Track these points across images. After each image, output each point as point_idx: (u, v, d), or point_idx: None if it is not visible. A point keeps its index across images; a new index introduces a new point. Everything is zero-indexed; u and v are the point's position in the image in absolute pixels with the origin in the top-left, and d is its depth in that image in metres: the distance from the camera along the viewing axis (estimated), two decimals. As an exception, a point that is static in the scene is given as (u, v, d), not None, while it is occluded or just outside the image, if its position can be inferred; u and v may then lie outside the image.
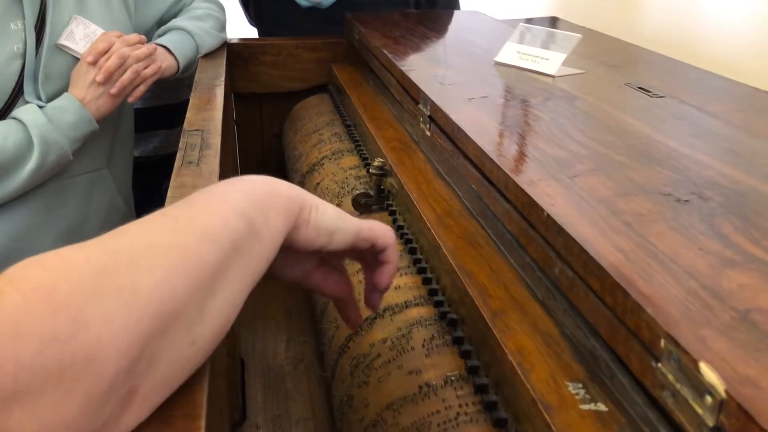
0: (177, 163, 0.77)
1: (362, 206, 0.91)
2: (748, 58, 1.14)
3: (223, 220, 0.40)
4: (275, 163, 1.49)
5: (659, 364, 0.39)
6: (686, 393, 0.37)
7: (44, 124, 1.05)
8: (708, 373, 0.35)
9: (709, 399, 0.35)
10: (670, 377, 0.38)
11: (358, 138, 1.13)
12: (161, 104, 1.53)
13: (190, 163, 0.76)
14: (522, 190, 0.58)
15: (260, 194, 0.44)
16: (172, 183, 0.71)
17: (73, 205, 1.16)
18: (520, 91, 0.91)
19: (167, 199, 0.68)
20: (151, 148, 1.56)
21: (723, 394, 0.34)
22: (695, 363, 0.36)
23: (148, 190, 1.51)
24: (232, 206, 0.42)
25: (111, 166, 1.23)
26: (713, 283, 0.44)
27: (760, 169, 0.63)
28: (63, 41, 1.12)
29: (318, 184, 1.07)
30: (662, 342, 0.39)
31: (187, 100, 1.55)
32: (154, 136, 1.56)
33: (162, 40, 1.24)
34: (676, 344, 0.38)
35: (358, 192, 0.92)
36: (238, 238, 0.40)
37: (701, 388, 0.36)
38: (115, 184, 1.24)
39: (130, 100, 1.16)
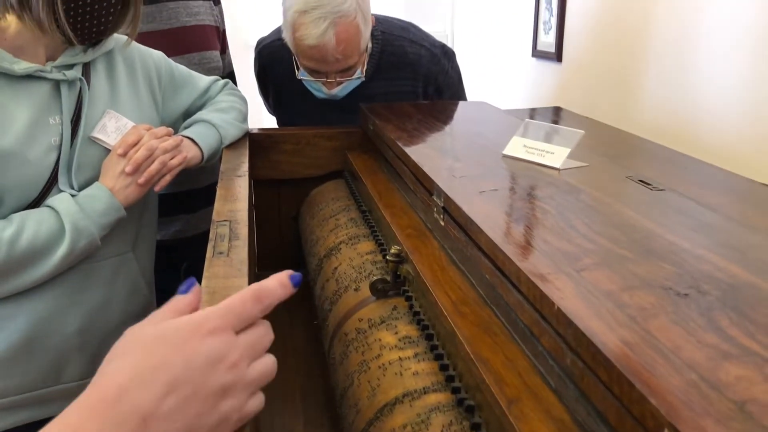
0: (208, 254, 0.82)
1: (379, 291, 0.95)
2: (744, 150, 1.20)
3: None
4: (291, 245, 1.54)
5: (664, 453, 0.43)
6: (689, 480, 0.40)
7: (76, 212, 1.11)
8: (708, 461, 0.39)
9: (710, 486, 0.39)
10: (675, 465, 0.42)
11: (373, 224, 1.19)
12: (183, 189, 1.60)
13: (220, 253, 0.82)
14: (533, 284, 0.63)
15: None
16: (205, 273, 0.76)
17: (98, 289, 1.21)
18: (528, 184, 0.97)
19: (203, 291, 0.72)
20: (173, 232, 1.61)
21: (722, 482, 0.38)
22: (696, 452, 0.40)
23: (168, 272, 1.56)
24: None
25: (136, 250, 1.29)
26: (712, 375, 0.48)
27: (755, 263, 0.68)
28: (96, 134, 1.19)
29: (336, 268, 1.11)
30: (665, 431, 0.43)
31: (209, 185, 1.64)
32: (177, 220, 1.62)
33: (188, 132, 1.31)
34: (679, 434, 0.42)
35: (375, 278, 0.96)
36: None
37: (702, 475, 0.39)
38: (139, 268, 1.29)
39: (157, 189, 1.22)
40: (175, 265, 1.64)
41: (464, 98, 1.82)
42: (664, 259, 0.68)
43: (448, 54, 1.74)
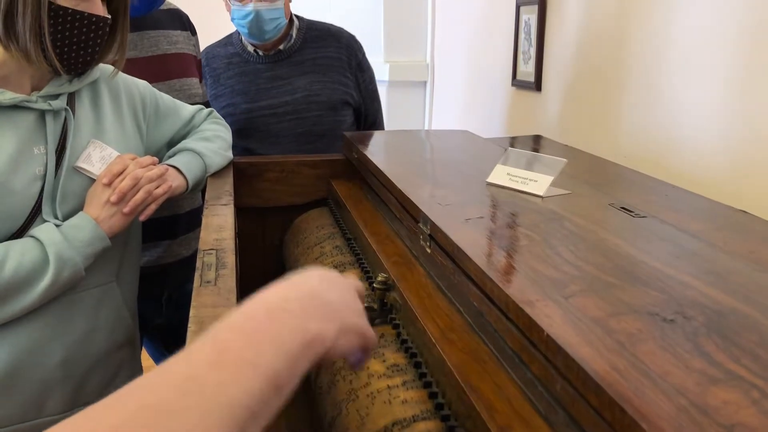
0: (196, 283, 0.82)
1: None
2: (719, 177, 1.23)
3: (249, 390, 0.42)
4: (276, 273, 1.54)
5: (657, 477, 0.44)
6: (683, 504, 0.41)
7: (60, 242, 1.10)
8: (701, 485, 0.40)
9: None
10: (668, 489, 0.43)
11: (359, 251, 1.19)
12: (165, 215, 1.60)
13: (208, 282, 0.82)
14: (522, 311, 0.64)
15: (296, 346, 0.47)
16: (193, 303, 0.76)
17: (81, 319, 1.19)
18: (513, 211, 0.98)
19: (190, 320, 0.72)
20: (155, 258, 1.61)
21: (715, 505, 0.38)
22: (689, 476, 0.41)
23: (148, 299, 1.54)
24: (263, 370, 0.44)
25: (119, 279, 1.28)
26: (700, 399, 0.49)
27: (737, 289, 0.69)
28: (81, 164, 1.18)
29: (322, 297, 1.11)
30: (658, 456, 0.43)
31: (190, 211, 1.64)
32: (158, 246, 1.61)
33: (173, 161, 1.31)
34: (671, 459, 0.42)
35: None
36: (261, 404, 0.42)
37: (695, 499, 0.40)
38: (122, 297, 1.28)
39: (142, 218, 1.22)
40: (155, 292, 1.63)
41: (377, 92, 2.03)
42: (649, 286, 0.69)
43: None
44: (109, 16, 1.14)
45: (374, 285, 0.97)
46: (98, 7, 1.11)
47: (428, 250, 0.95)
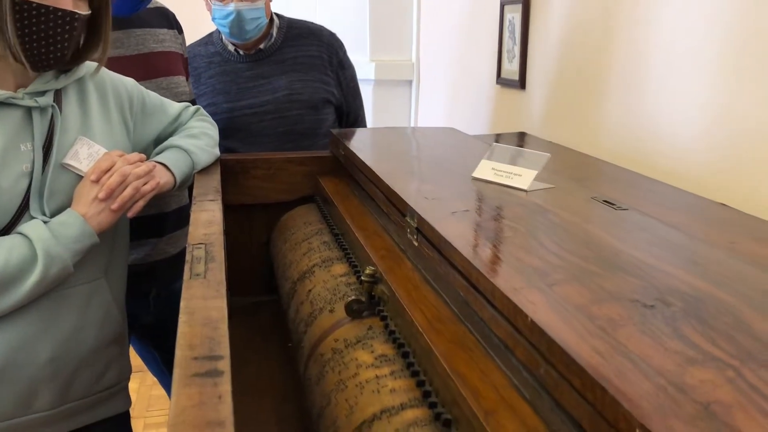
0: (186, 276, 0.83)
1: (354, 312, 0.97)
2: (699, 172, 1.25)
3: None
4: (263, 270, 1.55)
5: (636, 453, 0.45)
6: (661, 477, 0.43)
7: (48, 238, 1.10)
8: (678, 458, 0.41)
9: (680, 481, 0.41)
10: (647, 463, 0.44)
11: (346, 246, 1.21)
12: (152, 213, 1.60)
13: (197, 275, 0.82)
14: (507, 298, 0.65)
15: None
16: (183, 295, 0.77)
17: (71, 315, 1.20)
18: (498, 205, 1.00)
19: (181, 311, 0.73)
20: (142, 256, 1.61)
21: (691, 476, 0.40)
22: (667, 450, 0.42)
23: (136, 297, 1.55)
24: None
25: (108, 276, 1.28)
26: (678, 379, 0.50)
27: (715, 276, 0.71)
28: (68, 161, 1.19)
29: (310, 291, 1.13)
30: (638, 432, 0.45)
31: (177, 209, 1.64)
32: (145, 244, 1.61)
33: (160, 158, 1.31)
34: (650, 434, 0.44)
35: (350, 298, 0.98)
36: None
37: (673, 471, 0.42)
38: (111, 294, 1.28)
39: (130, 214, 1.22)
40: (143, 290, 1.63)
41: (359, 90, 2.04)
42: (630, 274, 0.71)
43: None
44: (83, 12, 1.13)
45: (362, 278, 0.98)
46: (66, 1, 1.10)
47: (415, 243, 0.97)
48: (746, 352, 0.55)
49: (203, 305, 0.74)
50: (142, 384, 2.87)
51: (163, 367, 1.79)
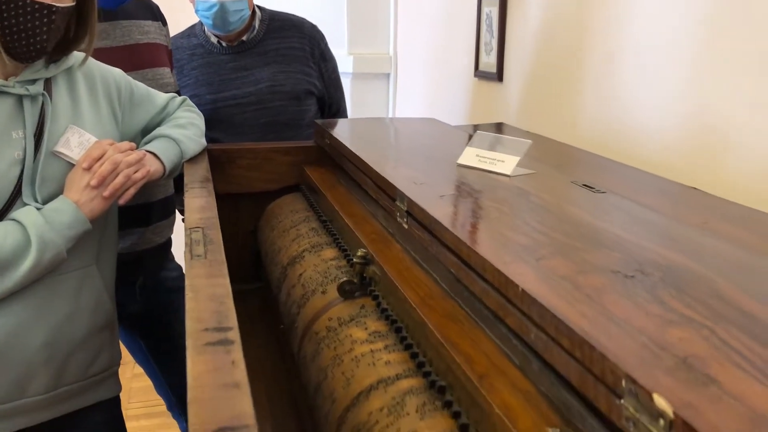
0: (186, 258, 0.86)
1: (347, 293, 1.01)
2: (671, 158, 1.31)
3: None
4: (250, 259, 1.58)
5: (622, 401, 0.50)
6: (644, 420, 0.48)
7: (42, 224, 1.12)
8: (660, 401, 0.46)
9: (661, 422, 0.46)
10: (631, 409, 0.49)
11: (335, 232, 1.24)
12: (138, 203, 1.62)
13: (198, 256, 0.86)
14: (498, 271, 0.70)
15: None
16: (187, 275, 0.80)
17: (63, 302, 1.22)
18: (483, 189, 1.05)
19: (186, 289, 0.76)
20: (129, 245, 1.62)
21: (672, 416, 0.45)
22: (650, 395, 0.47)
23: (123, 286, 1.56)
24: None
25: (99, 263, 1.30)
26: (659, 338, 0.55)
27: (689, 251, 0.77)
28: (59, 148, 1.21)
29: (301, 274, 1.16)
30: (623, 382, 0.50)
31: (163, 199, 1.66)
32: (132, 234, 1.63)
33: (150, 147, 1.34)
34: (635, 382, 0.49)
35: (342, 280, 1.02)
36: None
37: (655, 413, 0.46)
38: (102, 280, 1.30)
39: (121, 202, 1.24)
40: (130, 279, 1.65)
41: (340, 81, 2.08)
42: (610, 249, 0.76)
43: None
44: (63, 4, 1.13)
45: (354, 260, 1.02)
46: None
47: (405, 226, 1.01)
48: (719, 315, 0.60)
49: (207, 283, 0.77)
50: (122, 376, 2.87)
51: (148, 356, 1.81)
